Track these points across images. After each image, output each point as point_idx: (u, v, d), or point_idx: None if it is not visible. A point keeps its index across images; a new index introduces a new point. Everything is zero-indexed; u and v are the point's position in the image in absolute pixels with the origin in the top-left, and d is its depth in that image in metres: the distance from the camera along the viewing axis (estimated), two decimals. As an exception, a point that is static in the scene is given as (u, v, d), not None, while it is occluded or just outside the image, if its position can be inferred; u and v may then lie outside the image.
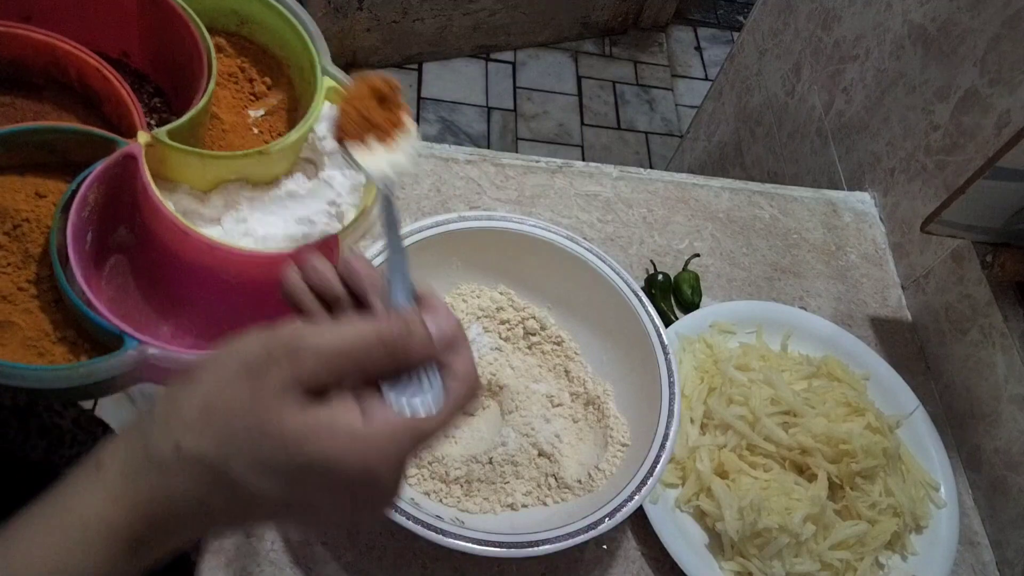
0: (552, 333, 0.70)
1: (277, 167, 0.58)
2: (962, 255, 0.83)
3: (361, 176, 0.58)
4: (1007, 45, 0.79)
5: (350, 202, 0.59)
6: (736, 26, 2.57)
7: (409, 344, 0.33)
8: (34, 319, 0.48)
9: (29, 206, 0.50)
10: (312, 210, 0.58)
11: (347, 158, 0.41)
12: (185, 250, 0.53)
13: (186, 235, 0.52)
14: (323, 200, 0.59)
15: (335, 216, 0.58)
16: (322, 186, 0.59)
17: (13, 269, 0.48)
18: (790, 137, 1.23)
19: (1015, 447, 0.75)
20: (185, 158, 0.54)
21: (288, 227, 0.57)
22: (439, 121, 2.05)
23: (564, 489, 0.62)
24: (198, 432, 0.30)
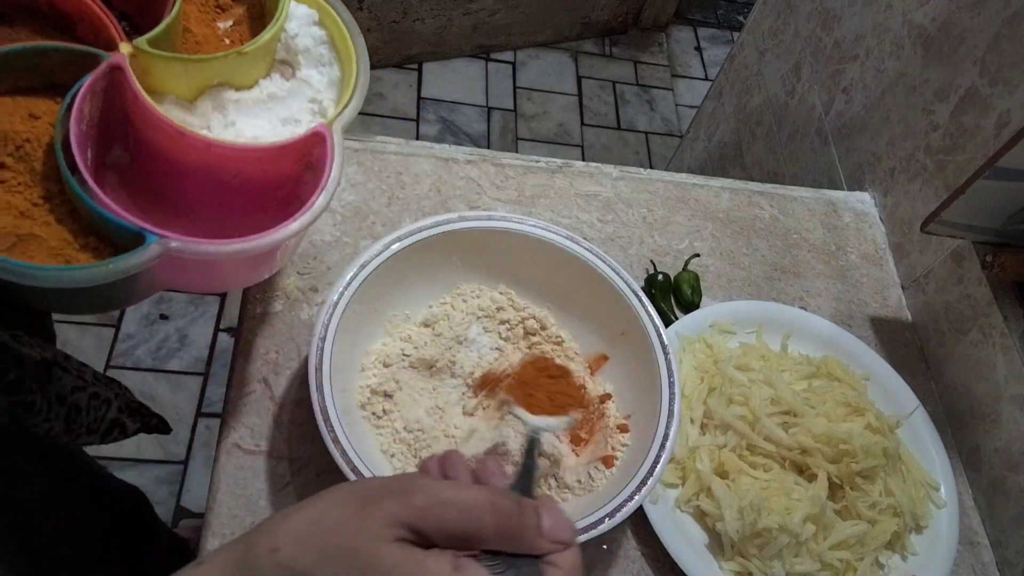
0: (552, 333, 0.70)
1: (256, 69, 0.59)
2: (962, 255, 0.83)
3: (337, 71, 0.60)
4: (1007, 45, 0.79)
5: (330, 97, 0.60)
6: (736, 26, 2.57)
7: (519, 522, 0.33)
8: (54, 230, 0.49)
9: (26, 127, 0.50)
10: (294, 109, 0.59)
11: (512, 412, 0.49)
12: (181, 154, 0.54)
13: (182, 136, 0.52)
14: (304, 99, 0.59)
15: (318, 113, 0.59)
16: (301, 85, 0.60)
17: (24, 188, 0.49)
18: (790, 137, 1.23)
19: (1015, 447, 0.75)
20: (168, 65, 0.54)
21: (275, 128, 0.58)
22: (439, 121, 2.05)
23: (564, 489, 0.62)
24: (297, 541, 0.31)
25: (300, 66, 0.60)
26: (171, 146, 0.53)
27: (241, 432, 0.64)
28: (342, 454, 0.54)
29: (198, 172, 0.55)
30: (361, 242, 0.77)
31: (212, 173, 0.55)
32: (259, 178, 0.56)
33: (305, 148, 0.56)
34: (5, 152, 0.49)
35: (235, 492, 0.62)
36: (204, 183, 0.55)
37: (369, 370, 0.64)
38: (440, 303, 0.70)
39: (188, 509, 1.38)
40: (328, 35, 0.61)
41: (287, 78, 0.61)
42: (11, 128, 0.50)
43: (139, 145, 0.55)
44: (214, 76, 0.57)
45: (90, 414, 0.69)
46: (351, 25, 0.60)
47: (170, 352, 1.52)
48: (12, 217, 0.48)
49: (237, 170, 0.55)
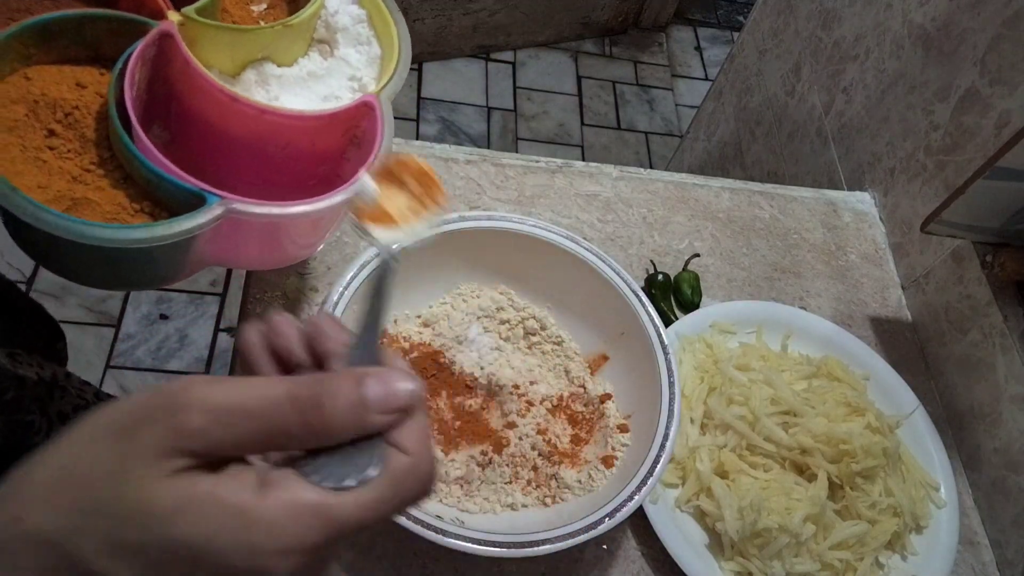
0: (552, 333, 0.70)
1: (297, 45, 0.59)
2: (962, 255, 0.83)
3: (376, 48, 0.60)
4: (1007, 45, 0.79)
5: (370, 75, 0.60)
6: (736, 26, 2.57)
7: (332, 408, 0.26)
8: (108, 195, 0.48)
9: (74, 95, 0.50)
10: (334, 87, 0.59)
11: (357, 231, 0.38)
12: (231, 122, 0.53)
13: (235, 102, 0.52)
14: (343, 76, 0.59)
15: (358, 91, 0.59)
16: (339, 63, 0.60)
17: (74, 155, 0.49)
18: (790, 137, 1.23)
19: (1015, 447, 0.75)
20: (216, 35, 0.54)
21: (315, 105, 0.58)
22: (439, 121, 2.05)
23: (564, 489, 0.62)
24: (44, 504, 0.24)
25: (339, 44, 0.60)
26: (220, 115, 0.53)
27: (241, 432, 0.64)
28: (342, 454, 0.54)
29: (246, 143, 0.54)
30: (361, 242, 0.77)
31: (260, 144, 0.55)
32: (306, 151, 0.56)
33: (354, 118, 0.56)
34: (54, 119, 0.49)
35: (235, 492, 0.62)
36: (250, 156, 0.55)
37: (369, 370, 0.64)
38: (440, 303, 0.70)
39: (188, 509, 1.37)
40: (367, 13, 0.61)
41: (325, 56, 0.60)
42: (59, 96, 0.50)
43: (182, 120, 0.55)
44: (259, 49, 0.57)
45: None
46: (390, 2, 0.60)
47: (170, 352, 1.52)
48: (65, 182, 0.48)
49: (287, 140, 0.55)
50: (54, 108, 0.49)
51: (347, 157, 0.57)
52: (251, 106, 0.52)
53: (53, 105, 0.49)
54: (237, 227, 0.48)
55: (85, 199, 0.47)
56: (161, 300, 1.58)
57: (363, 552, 0.61)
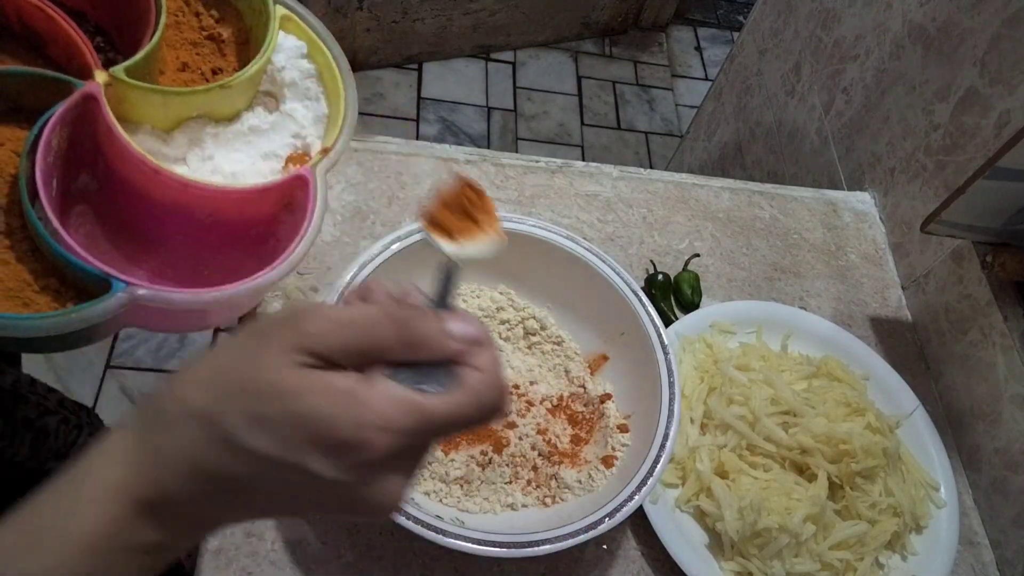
0: (552, 333, 0.70)
1: (238, 101, 0.57)
2: (962, 255, 0.83)
3: (323, 107, 0.58)
4: (1007, 45, 0.79)
5: (315, 134, 0.58)
6: (736, 26, 2.57)
7: (420, 326, 0.32)
8: (12, 270, 0.46)
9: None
10: (277, 144, 0.57)
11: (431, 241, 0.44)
12: (156, 190, 0.51)
13: (156, 174, 0.50)
14: (287, 133, 0.57)
15: (300, 149, 0.57)
16: (284, 119, 0.58)
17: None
18: (790, 137, 1.22)
19: (1015, 447, 0.75)
20: (146, 96, 0.52)
21: (255, 163, 0.56)
22: (439, 121, 2.05)
23: (564, 489, 0.62)
24: (202, 387, 0.30)
25: (285, 99, 0.58)
26: (144, 182, 0.51)
27: (241, 432, 0.64)
28: (342, 454, 0.54)
29: (172, 209, 0.53)
30: (361, 242, 0.77)
31: (187, 211, 0.53)
32: (236, 217, 0.54)
33: (286, 190, 0.54)
34: None
35: (235, 492, 0.62)
36: (178, 220, 0.53)
37: (369, 370, 0.64)
38: (440, 303, 0.70)
39: (188, 509, 1.37)
40: (316, 69, 0.59)
41: (270, 110, 0.58)
42: None
43: (110, 175, 0.53)
44: (194, 108, 0.55)
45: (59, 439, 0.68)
46: (341, 60, 0.58)
47: (170, 352, 1.52)
48: None
49: (213, 209, 0.53)
50: None
51: (281, 219, 0.55)
52: (174, 179, 0.51)
53: None
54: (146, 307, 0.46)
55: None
56: (161, 300, 1.58)
57: (363, 552, 0.61)
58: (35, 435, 0.64)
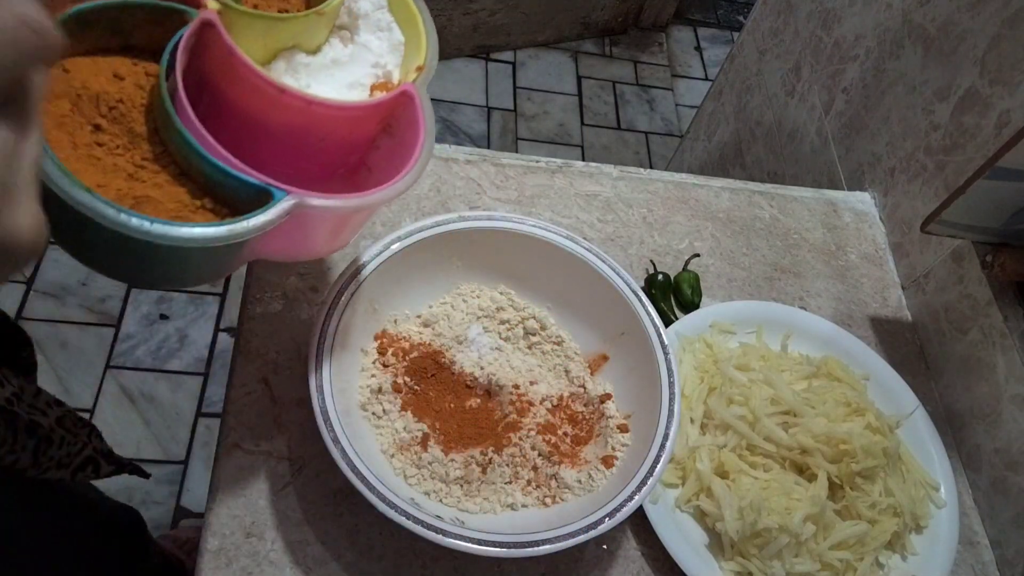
0: (552, 333, 0.70)
1: (323, 33, 0.58)
2: (962, 255, 0.83)
3: (397, 35, 0.60)
4: (1007, 45, 0.79)
5: (393, 62, 0.59)
6: (736, 26, 2.57)
7: None
8: (168, 192, 0.46)
9: (115, 88, 0.48)
10: (359, 74, 0.58)
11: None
12: (275, 114, 0.52)
13: (282, 93, 0.51)
14: (366, 64, 0.59)
15: (382, 78, 0.59)
16: (361, 50, 0.59)
17: (124, 150, 0.47)
18: (790, 137, 1.23)
19: (1015, 447, 0.75)
20: (251, 24, 0.53)
21: (341, 93, 0.57)
22: (439, 121, 2.05)
23: (564, 489, 0.62)
24: None
25: (359, 31, 0.60)
26: (262, 107, 0.52)
27: (241, 432, 0.64)
28: (342, 454, 0.54)
29: (286, 134, 0.53)
30: (361, 242, 0.77)
31: (300, 135, 0.54)
32: (343, 141, 0.55)
33: (392, 108, 0.55)
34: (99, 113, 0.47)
35: (235, 492, 0.62)
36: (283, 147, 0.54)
37: (369, 370, 0.65)
38: (440, 303, 0.70)
39: (188, 509, 1.38)
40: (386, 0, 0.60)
41: (346, 43, 0.60)
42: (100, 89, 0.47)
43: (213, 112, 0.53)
44: (291, 37, 0.56)
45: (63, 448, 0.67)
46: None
47: (170, 352, 1.52)
48: (122, 179, 0.46)
49: (328, 131, 0.54)
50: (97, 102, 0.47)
51: (377, 145, 0.57)
52: (298, 97, 0.52)
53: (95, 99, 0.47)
54: (301, 222, 0.47)
55: (147, 197, 0.46)
56: (161, 300, 1.58)
57: (363, 552, 0.61)
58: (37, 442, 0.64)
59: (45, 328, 1.50)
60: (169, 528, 1.35)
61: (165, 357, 1.52)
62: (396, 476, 0.60)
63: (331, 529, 0.61)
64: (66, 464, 0.67)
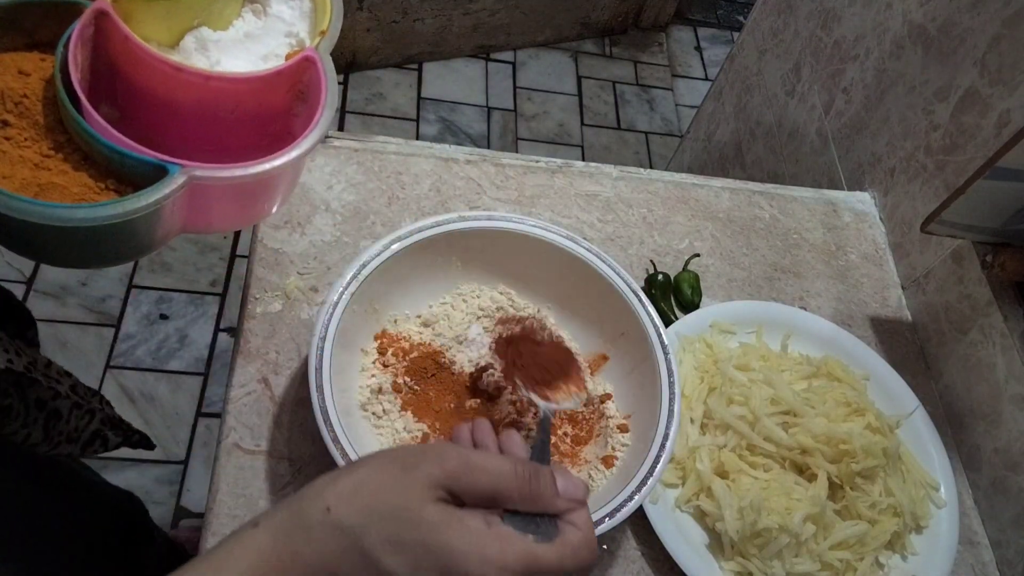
0: (552, 333, 0.70)
1: (230, 8, 0.59)
2: (962, 255, 0.83)
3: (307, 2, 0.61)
4: (1007, 45, 0.79)
5: (305, 29, 0.60)
6: (736, 26, 2.57)
7: (538, 484, 0.37)
8: (72, 177, 0.49)
9: (19, 84, 0.51)
10: (272, 46, 0.59)
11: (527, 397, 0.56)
12: (178, 92, 0.54)
13: (179, 72, 0.52)
14: (279, 34, 0.59)
15: (296, 46, 0.59)
16: (274, 22, 0.60)
17: (31, 142, 0.49)
18: (790, 137, 1.23)
19: (1015, 447, 0.75)
20: (150, 7, 0.54)
21: (256, 66, 0.58)
22: (439, 121, 2.05)
23: (564, 489, 0.62)
24: (346, 502, 0.35)
25: (270, 3, 0.60)
26: (166, 87, 0.53)
27: (241, 432, 0.64)
28: (342, 454, 0.54)
29: (194, 111, 0.55)
30: (361, 242, 0.77)
31: (209, 110, 0.55)
32: (254, 112, 0.56)
33: (296, 74, 0.56)
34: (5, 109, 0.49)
35: (235, 492, 0.62)
36: (200, 123, 0.55)
37: (369, 370, 0.65)
38: (440, 303, 0.70)
39: (188, 509, 1.38)
40: None
41: (259, 16, 0.60)
42: (6, 86, 0.50)
43: (128, 96, 0.55)
44: (193, 16, 0.57)
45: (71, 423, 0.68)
46: None
47: (170, 352, 1.52)
48: (28, 170, 0.48)
49: (235, 104, 0.55)
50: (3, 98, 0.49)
51: (295, 112, 0.58)
52: (196, 74, 0.53)
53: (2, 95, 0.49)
54: (202, 193, 0.49)
55: (51, 184, 0.48)
56: (161, 300, 1.58)
57: (363, 552, 0.61)
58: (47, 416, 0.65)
59: (45, 328, 1.50)
60: (169, 528, 1.35)
61: (165, 357, 1.52)
62: (396, 476, 0.60)
63: (331, 529, 0.61)
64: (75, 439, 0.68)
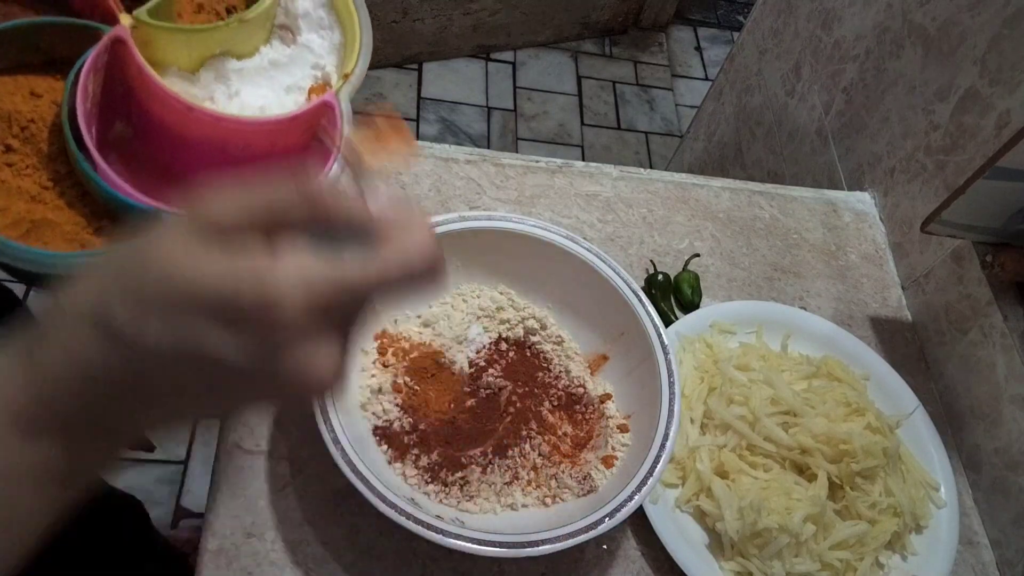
0: (552, 333, 0.70)
1: (257, 36, 0.58)
2: (962, 255, 0.83)
3: (339, 35, 0.59)
4: (1007, 45, 0.79)
5: (332, 64, 0.58)
6: (736, 26, 2.57)
7: (328, 190, 0.29)
8: (67, 215, 0.48)
9: (28, 107, 0.49)
10: (298, 76, 0.58)
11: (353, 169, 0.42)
12: (189, 129, 0.53)
13: (190, 111, 0.51)
14: (307, 65, 0.58)
15: (321, 79, 0.58)
16: (302, 51, 0.59)
17: (32, 171, 0.48)
18: (790, 137, 1.23)
19: (1015, 447, 0.75)
20: (170, 36, 0.53)
21: (279, 96, 0.57)
22: (439, 121, 2.05)
23: (564, 489, 0.62)
24: (86, 288, 0.28)
25: (301, 31, 0.59)
26: (178, 121, 0.53)
27: (241, 432, 0.64)
28: (342, 454, 0.54)
29: (206, 146, 0.54)
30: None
31: (220, 146, 0.54)
32: (267, 150, 0.56)
33: (313, 118, 0.55)
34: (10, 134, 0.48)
35: (235, 492, 0.62)
36: (212, 156, 0.55)
37: (369, 370, 0.64)
38: (440, 303, 0.70)
39: (188, 509, 1.37)
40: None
41: (288, 44, 0.59)
42: (14, 108, 0.49)
43: (143, 119, 0.54)
44: (216, 45, 0.56)
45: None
46: None
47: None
48: (24, 203, 0.47)
49: (246, 143, 0.55)
50: (10, 122, 0.48)
51: (312, 151, 0.57)
52: (207, 114, 0.52)
53: (8, 118, 0.48)
54: None
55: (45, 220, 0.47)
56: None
57: (363, 552, 0.61)
58: None
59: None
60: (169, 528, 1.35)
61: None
62: (396, 476, 0.60)
63: (331, 529, 0.61)
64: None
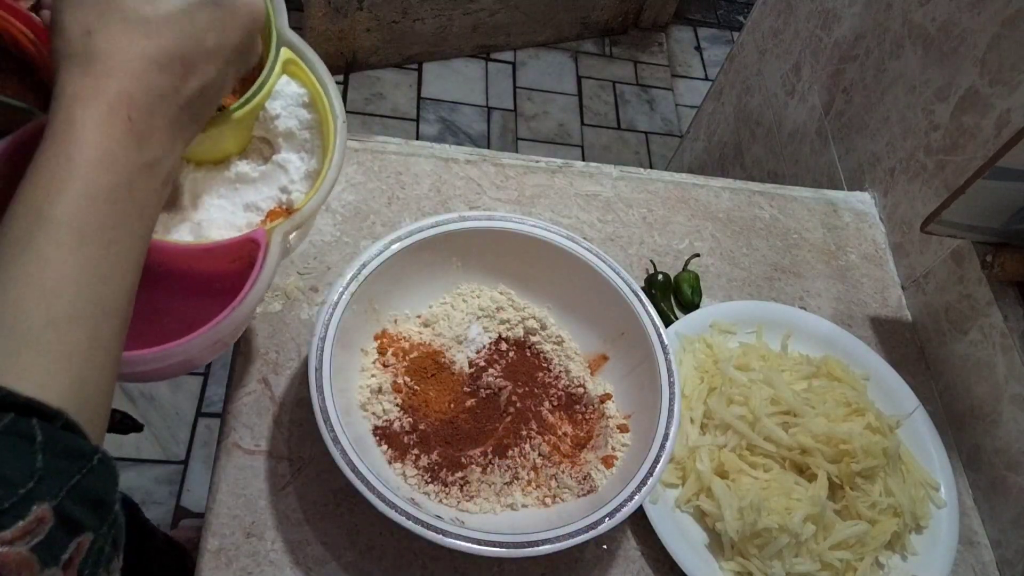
0: (552, 333, 0.70)
1: (227, 145, 0.54)
2: (962, 255, 0.83)
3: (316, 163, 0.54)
4: (1007, 45, 0.79)
5: (301, 190, 0.54)
6: (736, 26, 2.57)
7: None
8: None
9: None
10: (262, 196, 0.53)
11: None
12: None
13: None
14: (275, 186, 0.54)
15: (284, 204, 0.54)
16: (275, 170, 0.54)
17: None
18: (790, 137, 1.23)
19: (1015, 447, 0.75)
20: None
21: (235, 213, 0.53)
22: (439, 121, 2.05)
23: (564, 489, 0.62)
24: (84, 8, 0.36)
25: (281, 149, 0.54)
26: None
27: (241, 432, 0.64)
28: (342, 454, 0.54)
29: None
30: (361, 242, 0.77)
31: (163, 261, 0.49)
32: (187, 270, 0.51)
33: (238, 250, 0.50)
34: None
35: (235, 492, 0.62)
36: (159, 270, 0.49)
37: (369, 370, 0.64)
38: (440, 303, 0.70)
39: (188, 509, 1.38)
40: (316, 120, 0.54)
41: (265, 159, 0.55)
42: None
43: None
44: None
45: None
46: (338, 115, 0.53)
47: (170, 352, 1.52)
48: None
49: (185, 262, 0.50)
50: None
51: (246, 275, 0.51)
52: None
53: None
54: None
55: None
56: (161, 300, 1.58)
57: (363, 552, 0.61)
58: None
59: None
60: (169, 528, 1.35)
61: (165, 357, 1.51)
62: (396, 476, 0.60)
63: (331, 529, 0.61)
64: None
